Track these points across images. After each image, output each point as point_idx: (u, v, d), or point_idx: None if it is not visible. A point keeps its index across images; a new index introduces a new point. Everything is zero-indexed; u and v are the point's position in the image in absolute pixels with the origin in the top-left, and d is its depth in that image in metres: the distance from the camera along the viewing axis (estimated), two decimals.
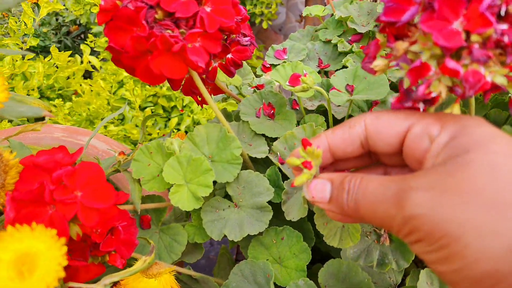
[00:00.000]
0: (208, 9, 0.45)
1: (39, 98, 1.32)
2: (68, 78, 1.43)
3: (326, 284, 0.52)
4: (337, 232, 0.50)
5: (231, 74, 0.56)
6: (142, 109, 1.35)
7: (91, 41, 1.51)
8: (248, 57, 0.56)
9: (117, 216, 0.46)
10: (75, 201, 0.39)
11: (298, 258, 0.56)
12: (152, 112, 1.32)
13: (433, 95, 0.35)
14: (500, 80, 0.34)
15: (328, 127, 0.68)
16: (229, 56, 0.55)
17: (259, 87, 0.75)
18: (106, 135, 1.22)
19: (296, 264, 0.56)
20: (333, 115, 0.70)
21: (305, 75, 0.66)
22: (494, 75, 0.33)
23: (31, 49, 1.61)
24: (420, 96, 0.34)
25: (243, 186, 0.59)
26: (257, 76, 0.82)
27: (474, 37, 0.32)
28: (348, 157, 0.39)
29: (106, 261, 0.47)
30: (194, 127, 0.61)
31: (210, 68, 0.55)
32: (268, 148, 0.66)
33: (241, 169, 0.61)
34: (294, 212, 0.57)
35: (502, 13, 0.32)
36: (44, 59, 1.32)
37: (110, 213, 0.43)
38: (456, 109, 0.38)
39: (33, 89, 1.26)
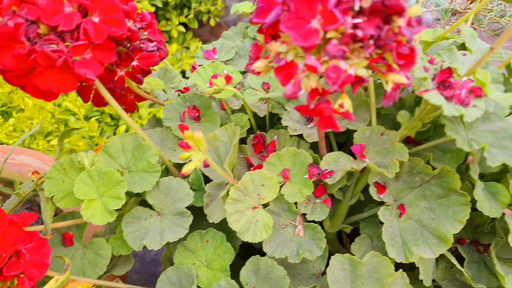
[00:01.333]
0: (96, 19, 0.44)
1: None
2: (11, 92, 1.38)
3: (248, 282, 0.53)
4: (249, 227, 0.51)
5: (139, 82, 0.56)
6: (89, 119, 1.32)
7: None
8: (156, 63, 0.56)
9: (21, 238, 0.45)
10: None
11: (222, 258, 0.57)
12: (99, 122, 1.30)
13: (301, 93, 0.36)
14: (362, 72, 0.35)
15: (251, 126, 0.69)
16: (135, 63, 0.55)
17: (184, 90, 0.75)
18: (50, 150, 1.19)
19: (220, 265, 0.56)
20: (256, 113, 0.70)
21: (226, 77, 0.67)
22: (356, 68, 0.35)
23: None
24: (289, 95, 0.35)
25: (164, 193, 0.59)
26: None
27: (330, 34, 0.33)
28: None
29: (15, 284, 0.46)
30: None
31: (116, 78, 0.55)
32: None
33: (167, 175, 0.61)
34: (217, 214, 0.57)
35: (356, 7, 0.33)
36: None
37: (10, 237, 0.42)
38: (345, 99, 0.39)
39: None
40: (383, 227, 0.52)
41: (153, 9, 1.41)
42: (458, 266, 0.60)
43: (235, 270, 0.56)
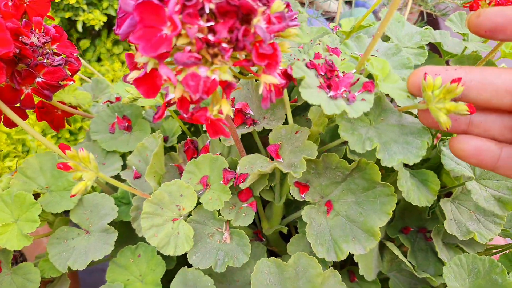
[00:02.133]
0: None
1: None
2: None
3: None
4: (170, 240, 0.49)
5: (47, 98, 0.54)
6: (46, 135, 1.30)
7: None
8: (63, 77, 0.54)
9: None
10: None
11: (154, 272, 0.55)
12: (58, 138, 1.28)
13: (173, 100, 0.34)
14: (226, 77, 0.33)
15: (183, 131, 0.67)
16: (40, 79, 0.53)
17: (116, 100, 0.73)
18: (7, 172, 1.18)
19: (153, 279, 0.55)
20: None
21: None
22: (219, 73, 0.33)
23: None
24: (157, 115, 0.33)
25: (90, 210, 0.57)
26: None
27: (180, 41, 0.31)
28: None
29: None
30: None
31: (22, 96, 0.53)
32: (123, 163, 0.65)
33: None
34: None
35: (207, 10, 0.31)
36: None
37: None
38: (224, 105, 0.37)
39: None
40: (307, 227, 0.50)
41: (105, 19, 1.39)
42: (400, 256, 0.58)
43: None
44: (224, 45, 0.31)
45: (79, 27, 1.41)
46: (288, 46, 0.38)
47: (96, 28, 1.40)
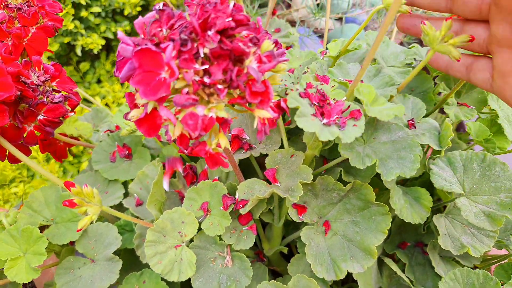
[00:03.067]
0: None
1: None
2: None
3: None
4: (174, 267, 0.51)
5: (49, 134, 0.56)
6: (50, 159, 1.32)
7: None
8: (64, 113, 0.56)
9: None
10: None
11: None
12: (62, 161, 1.30)
13: (172, 139, 0.36)
14: (222, 114, 0.35)
15: (182, 158, 0.69)
16: (41, 117, 0.55)
17: (116, 128, 0.75)
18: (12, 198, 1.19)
19: None
20: None
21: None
22: (216, 111, 0.35)
23: None
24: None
25: (94, 239, 0.58)
26: None
27: (178, 84, 0.33)
28: None
29: None
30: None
31: (25, 134, 0.55)
32: (125, 191, 0.66)
33: (102, 220, 0.61)
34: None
35: (201, 54, 0.33)
36: None
37: None
38: (221, 139, 0.39)
39: None
40: (306, 248, 0.52)
41: (103, 42, 1.41)
42: (398, 272, 0.60)
43: None
44: (219, 86, 0.33)
45: (78, 51, 1.43)
46: (279, 79, 0.41)
47: (95, 51, 1.43)
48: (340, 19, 1.16)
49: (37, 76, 0.55)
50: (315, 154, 0.51)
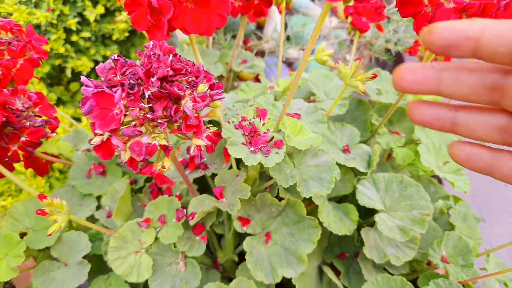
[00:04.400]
0: None
1: None
2: None
3: None
4: (133, 270, 0.59)
5: (30, 153, 0.65)
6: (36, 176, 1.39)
7: None
8: (44, 135, 0.65)
9: None
10: None
11: None
12: (48, 177, 1.38)
13: (124, 162, 0.45)
14: (163, 142, 0.44)
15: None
16: (24, 138, 0.63)
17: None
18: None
19: None
20: None
21: None
22: (158, 139, 0.44)
23: None
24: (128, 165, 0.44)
25: (68, 246, 0.67)
26: None
27: (126, 119, 0.43)
28: None
29: None
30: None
31: (10, 153, 0.64)
32: (98, 204, 0.75)
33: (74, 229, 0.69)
34: None
35: (146, 95, 0.43)
36: None
37: None
38: (165, 162, 0.48)
39: None
40: (247, 255, 0.60)
41: (92, 64, 1.51)
42: (334, 279, 0.68)
43: None
44: (160, 120, 0.43)
45: (68, 73, 1.53)
46: (218, 113, 0.50)
47: (84, 73, 1.53)
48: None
49: (22, 103, 0.65)
50: (255, 174, 0.60)
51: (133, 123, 0.43)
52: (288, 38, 1.14)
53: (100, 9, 1.36)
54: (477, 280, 0.69)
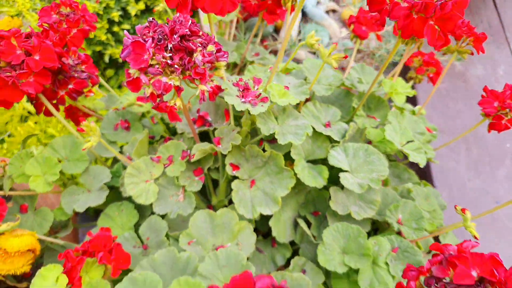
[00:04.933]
0: (37, 57, 0.71)
1: None
2: (7, 123, 1.66)
3: (144, 234, 0.76)
4: (142, 194, 0.74)
5: (74, 99, 0.82)
6: None
7: None
8: (86, 86, 0.82)
9: None
10: None
11: (131, 221, 0.80)
12: None
13: (147, 94, 0.61)
14: (177, 83, 0.60)
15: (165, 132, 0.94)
16: (71, 86, 0.81)
17: (122, 108, 1.00)
18: None
19: (129, 226, 0.80)
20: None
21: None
22: (173, 81, 0.60)
23: None
24: (138, 98, 0.60)
25: (93, 176, 0.83)
26: None
27: (152, 61, 0.59)
28: None
29: None
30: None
31: (58, 96, 0.81)
32: (120, 151, 0.91)
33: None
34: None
35: (169, 47, 0.59)
36: None
37: None
38: (177, 100, 0.64)
39: None
40: (233, 193, 0.75)
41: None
42: (305, 228, 0.82)
43: None
44: (176, 66, 0.58)
45: (106, 59, 1.73)
46: (222, 72, 0.66)
47: (120, 60, 1.72)
48: (314, 52, 1.43)
49: (72, 60, 0.82)
50: (247, 130, 0.76)
51: (157, 66, 0.59)
52: (300, 41, 1.30)
53: (141, 5, 1.55)
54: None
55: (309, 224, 0.85)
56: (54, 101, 0.81)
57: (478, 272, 0.49)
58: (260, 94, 0.67)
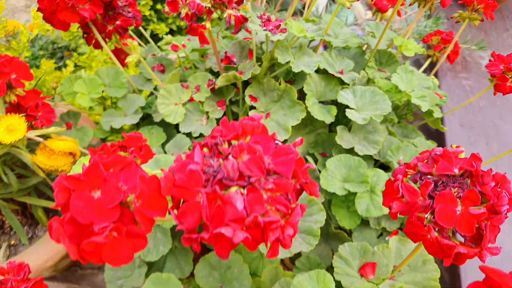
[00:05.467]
0: None
1: None
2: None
3: (170, 149, 0.87)
4: (171, 114, 0.85)
5: (120, 34, 0.94)
6: None
7: (76, 58, 1.93)
8: (131, 24, 0.94)
9: (43, 109, 0.82)
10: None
11: (159, 141, 0.91)
12: None
13: (182, 15, 0.72)
14: (208, 5, 0.70)
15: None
16: (118, 22, 0.93)
17: (160, 56, 1.12)
18: None
19: (157, 144, 0.91)
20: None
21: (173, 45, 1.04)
22: (205, 3, 0.71)
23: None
24: (181, 17, 0.72)
25: (129, 102, 0.95)
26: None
27: None
28: None
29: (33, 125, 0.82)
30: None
31: (107, 31, 0.93)
32: (155, 87, 1.03)
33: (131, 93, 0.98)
34: (159, 116, 0.92)
35: None
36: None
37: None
38: (207, 22, 0.75)
39: None
40: None
41: (167, 30, 1.85)
42: (312, 163, 0.90)
43: None
44: None
45: (148, 34, 1.88)
46: (248, 7, 0.76)
47: (160, 35, 1.86)
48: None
49: (121, 1, 0.95)
50: (267, 65, 0.85)
51: None
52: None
53: None
54: None
55: (316, 162, 0.93)
56: (103, 35, 0.94)
57: (459, 168, 0.56)
58: (280, 25, 0.77)
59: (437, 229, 0.48)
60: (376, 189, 0.80)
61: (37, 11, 0.82)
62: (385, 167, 0.94)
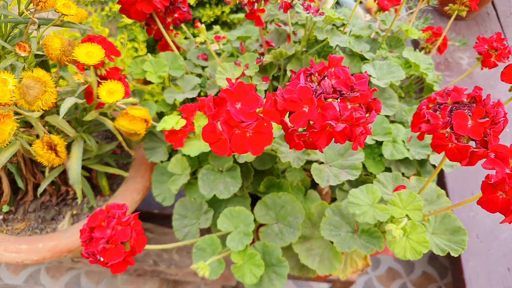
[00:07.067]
0: None
1: None
2: None
3: None
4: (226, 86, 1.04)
5: (177, 24, 1.13)
6: None
7: None
8: (185, 17, 1.13)
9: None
10: None
11: None
12: None
13: (245, 1, 0.92)
14: None
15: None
16: (176, 15, 1.12)
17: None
18: None
19: None
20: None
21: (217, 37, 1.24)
22: None
23: None
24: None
25: (186, 82, 1.13)
26: None
27: None
28: None
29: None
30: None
31: (167, 22, 1.12)
32: (201, 72, 1.22)
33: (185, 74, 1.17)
34: (213, 89, 1.11)
35: None
36: None
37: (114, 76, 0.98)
38: (265, 7, 0.95)
39: None
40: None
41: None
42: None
43: None
44: None
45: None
46: None
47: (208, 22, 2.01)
48: None
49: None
50: (304, 44, 1.06)
51: None
52: None
53: None
54: None
55: None
56: (163, 25, 1.13)
57: (466, 96, 0.76)
58: (319, 9, 0.97)
59: (455, 138, 0.68)
60: (398, 139, 1.01)
61: (117, 3, 1.00)
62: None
